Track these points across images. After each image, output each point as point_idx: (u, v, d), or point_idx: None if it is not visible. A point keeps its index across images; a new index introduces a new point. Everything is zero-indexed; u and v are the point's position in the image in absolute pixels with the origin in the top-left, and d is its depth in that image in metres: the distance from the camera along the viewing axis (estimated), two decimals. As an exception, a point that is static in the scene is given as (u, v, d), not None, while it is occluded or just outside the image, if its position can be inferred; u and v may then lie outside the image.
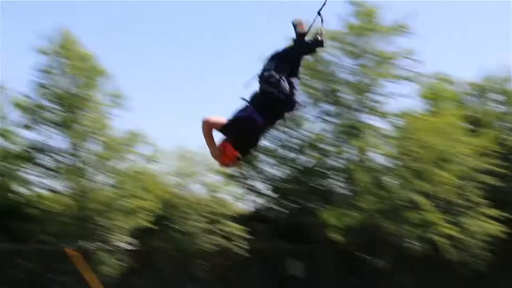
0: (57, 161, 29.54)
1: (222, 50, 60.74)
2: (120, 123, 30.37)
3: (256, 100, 6.41)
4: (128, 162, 30.57)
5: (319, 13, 6.62)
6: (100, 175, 29.98)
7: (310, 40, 6.74)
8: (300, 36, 6.77)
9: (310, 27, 6.70)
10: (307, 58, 6.99)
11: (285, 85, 6.36)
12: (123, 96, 29.70)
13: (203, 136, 6.23)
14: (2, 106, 29.94)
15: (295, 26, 6.80)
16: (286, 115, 6.52)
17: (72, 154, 29.42)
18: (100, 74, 29.34)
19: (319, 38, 6.72)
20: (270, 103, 6.34)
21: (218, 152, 6.35)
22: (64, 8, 54.10)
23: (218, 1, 51.24)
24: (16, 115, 29.64)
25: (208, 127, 6.21)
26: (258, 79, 6.54)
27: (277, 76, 6.37)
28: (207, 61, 59.68)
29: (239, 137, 6.32)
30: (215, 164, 22.69)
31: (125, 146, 30.12)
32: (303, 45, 6.77)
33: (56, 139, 29.57)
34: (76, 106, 28.96)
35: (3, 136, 29.63)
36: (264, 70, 6.55)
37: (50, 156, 29.48)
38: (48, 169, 29.56)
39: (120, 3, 59.00)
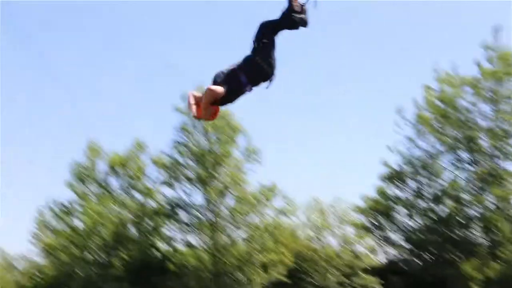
0: (195, 216, 30.16)
1: (356, 101, 59.69)
2: (254, 177, 30.72)
3: (247, 67, 7.28)
4: (262, 216, 30.76)
5: None
6: (235, 229, 30.31)
7: (297, 18, 7.35)
8: (291, 11, 7.33)
9: (303, 6, 7.30)
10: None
11: (275, 63, 7.37)
12: (258, 151, 30.14)
13: (203, 99, 7.12)
14: (143, 164, 31.07)
15: (291, 0, 7.36)
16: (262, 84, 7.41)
17: (209, 210, 29.95)
18: (236, 131, 29.95)
19: (305, 18, 7.38)
20: (258, 74, 7.32)
21: (208, 114, 7.28)
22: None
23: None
24: (156, 172, 30.78)
25: (211, 95, 7.08)
26: (255, 48, 7.29)
27: (274, 56, 7.32)
28: (341, 114, 58.62)
29: (228, 100, 7.29)
30: (349, 215, 22.50)
31: (259, 201, 30.34)
32: (290, 21, 7.37)
33: (194, 195, 30.52)
34: (212, 163, 29.64)
35: (145, 194, 30.64)
36: (261, 39, 7.30)
37: (188, 212, 30.19)
38: (186, 224, 30.19)
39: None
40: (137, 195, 31.18)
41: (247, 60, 7.36)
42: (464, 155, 30.38)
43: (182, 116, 30.24)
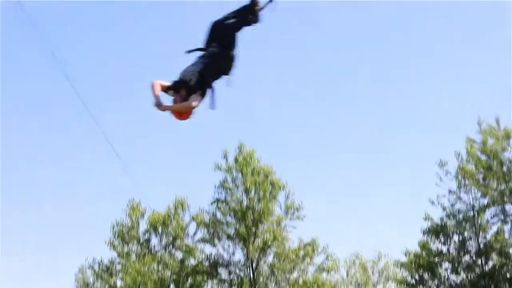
0: (235, 274, 29.92)
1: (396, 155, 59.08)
2: (295, 233, 30.55)
3: (212, 66, 7.73)
4: (303, 272, 30.34)
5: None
6: (276, 287, 29.94)
7: (253, 18, 7.89)
8: (251, 11, 7.83)
9: (262, 8, 7.84)
10: None
11: (235, 60, 7.82)
12: (299, 208, 29.91)
13: (180, 107, 7.61)
14: (184, 222, 31.01)
15: (254, 3, 7.85)
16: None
17: (249, 267, 29.69)
18: (277, 187, 29.87)
19: (259, 16, 7.89)
20: (220, 72, 7.82)
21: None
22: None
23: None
24: (196, 230, 30.76)
25: (194, 107, 7.59)
26: (219, 46, 7.70)
27: (234, 54, 7.78)
28: (381, 168, 57.90)
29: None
30: (391, 271, 22.36)
31: (299, 257, 29.99)
32: (247, 19, 7.85)
33: (234, 252, 30.30)
34: (253, 220, 29.47)
35: (185, 251, 30.49)
36: (218, 38, 7.74)
37: (228, 270, 30.02)
38: (227, 282, 29.94)
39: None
40: (178, 253, 31.02)
41: (211, 58, 7.74)
42: (510, 208, 29.87)
43: (222, 173, 30.33)
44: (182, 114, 7.71)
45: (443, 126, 55.36)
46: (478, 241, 30.34)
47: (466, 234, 30.58)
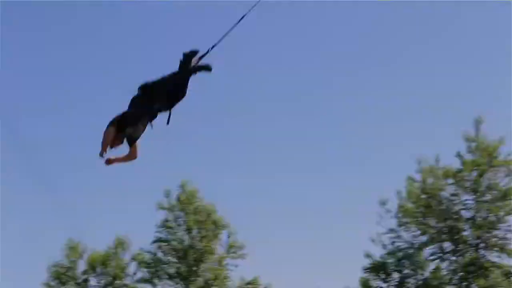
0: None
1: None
2: (237, 271, 30.20)
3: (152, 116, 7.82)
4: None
5: (209, 50, 7.98)
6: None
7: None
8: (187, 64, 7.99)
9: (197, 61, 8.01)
10: None
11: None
12: (241, 246, 29.66)
13: (128, 160, 7.68)
14: (124, 262, 30.26)
15: (192, 58, 8.00)
16: None
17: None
18: (219, 226, 29.58)
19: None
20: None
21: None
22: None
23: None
24: (137, 270, 30.08)
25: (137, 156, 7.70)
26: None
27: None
28: (323, 206, 57.72)
29: None
30: None
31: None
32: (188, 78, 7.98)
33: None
34: (195, 259, 29.04)
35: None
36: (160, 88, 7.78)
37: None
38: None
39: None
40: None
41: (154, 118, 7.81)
42: (448, 245, 30.33)
43: (164, 212, 29.85)
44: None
45: (383, 165, 55.86)
46: (417, 278, 30.67)
47: (405, 271, 30.86)
